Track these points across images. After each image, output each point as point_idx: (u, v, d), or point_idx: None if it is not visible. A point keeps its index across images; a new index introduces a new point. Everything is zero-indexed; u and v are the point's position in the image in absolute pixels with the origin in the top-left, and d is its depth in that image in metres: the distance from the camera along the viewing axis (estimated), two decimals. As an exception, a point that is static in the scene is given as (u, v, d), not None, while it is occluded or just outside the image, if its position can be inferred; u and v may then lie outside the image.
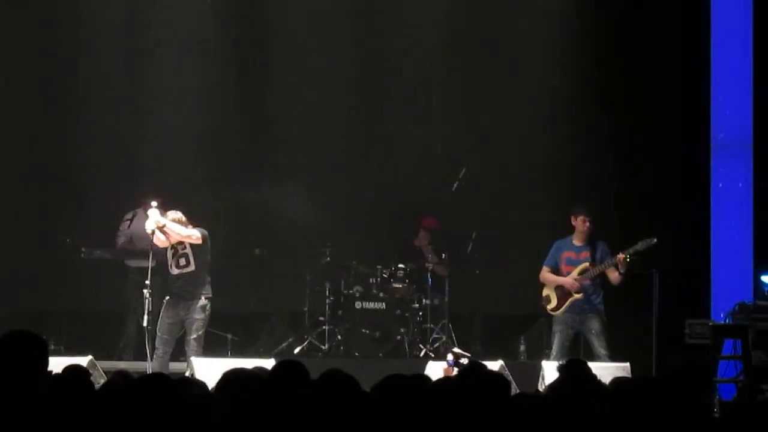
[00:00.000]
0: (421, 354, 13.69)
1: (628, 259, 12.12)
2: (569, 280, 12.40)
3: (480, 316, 14.72)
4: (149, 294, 11.85)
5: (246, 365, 6.90)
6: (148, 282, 11.89)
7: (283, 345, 14.17)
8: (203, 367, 10.90)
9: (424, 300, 14.14)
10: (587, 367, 7.07)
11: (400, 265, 14.20)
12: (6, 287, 14.29)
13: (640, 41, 14.86)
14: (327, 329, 14.04)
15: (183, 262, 12.03)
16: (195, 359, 11.36)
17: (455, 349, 11.47)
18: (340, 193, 15.18)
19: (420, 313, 14.11)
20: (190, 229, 12.00)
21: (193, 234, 11.96)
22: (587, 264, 12.40)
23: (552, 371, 10.39)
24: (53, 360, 5.64)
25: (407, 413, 5.34)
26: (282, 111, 15.35)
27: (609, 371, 9.99)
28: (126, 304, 14.06)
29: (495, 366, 10.93)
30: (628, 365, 11.53)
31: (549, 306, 12.53)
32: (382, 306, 13.98)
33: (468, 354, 11.21)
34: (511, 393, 6.05)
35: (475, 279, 14.36)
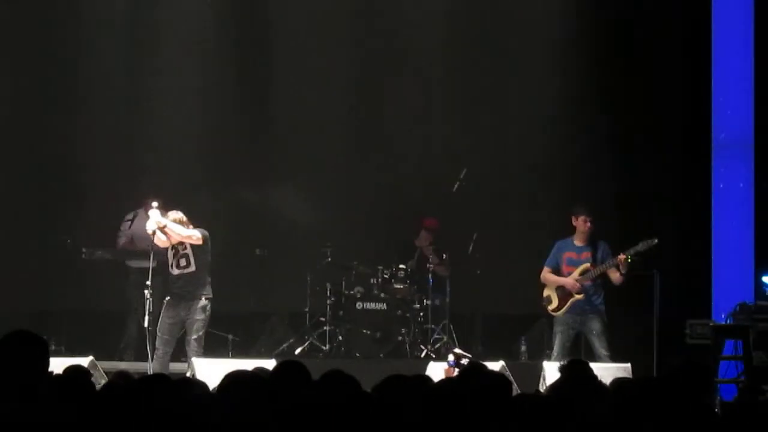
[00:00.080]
0: (422, 354, 13.68)
1: (629, 260, 12.10)
2: (570, 280, 12.39)
3: (481, 316, 14.71)
4: (150, 294, 11.85)
5: (247, 366, 6.89)
6: (149, 282, 11.90)
7: (284, 345, 14.16)
8: (204, 368, 10.90)
9: (425, 300, 14.14)
10: (588, 368, 7.07)
11: (401, 266, 14.20)
12: (6, 287, 14.28)
13: (640, 41, 14.86)
14: (328, 330, 14.03)
15: (183, 262, 12.03)
16: (196, 360, 11.37)
17: (456, 350, 11.44)
18: (340, 193, 15.17)
19: (421, 314, 14.10)
20: (190, 230, 12.00)
21: (194, 234, 11.96)
22: (588, 264, 12.38)
23: (553, 372, 10.40)
24: (54, 360, 5.62)
25: (408, 414, 5.34)
26: (282, 111, 15.35)
27: (610, 372, 9.97)
28: (127, 304, 14.05)
29: (496, 366, 10.93)
30: (629, 365, 11.53)
31: (550, 306, 12.51)
32: (383, 306, 13.97)
33: (469, 354, 11.19)
34: (512, 393, 6.05)
35: (476, 279, 14.35)
